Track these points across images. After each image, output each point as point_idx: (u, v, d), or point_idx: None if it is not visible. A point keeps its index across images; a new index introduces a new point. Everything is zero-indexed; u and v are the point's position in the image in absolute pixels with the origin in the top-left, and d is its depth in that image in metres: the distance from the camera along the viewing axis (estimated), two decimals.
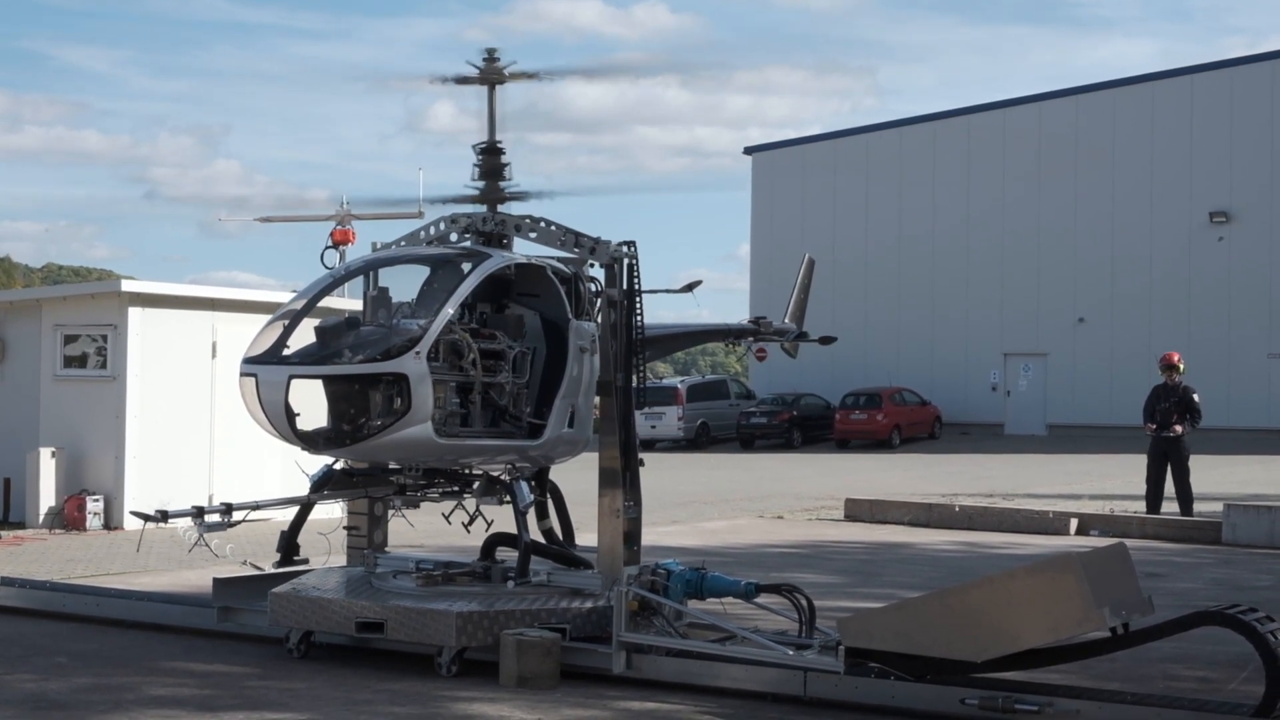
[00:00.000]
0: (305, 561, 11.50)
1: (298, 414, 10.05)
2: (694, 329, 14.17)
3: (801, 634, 9.85)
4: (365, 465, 11.06)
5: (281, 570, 11.30)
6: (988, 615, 8.65)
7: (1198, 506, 20.29)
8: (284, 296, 19.49)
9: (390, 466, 10.94)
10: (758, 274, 52.78)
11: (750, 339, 14.98)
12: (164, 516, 10.49)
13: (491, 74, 11.17)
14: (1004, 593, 8.67)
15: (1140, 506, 20.73)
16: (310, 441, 10.23)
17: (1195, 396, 20.50)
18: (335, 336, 10.18)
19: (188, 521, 10.58)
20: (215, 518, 10.52)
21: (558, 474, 11.54)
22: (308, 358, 10.12)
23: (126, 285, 20.36)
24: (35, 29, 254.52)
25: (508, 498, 10.72)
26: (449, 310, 10.14)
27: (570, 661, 9.74)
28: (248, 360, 10.22)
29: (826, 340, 16.73)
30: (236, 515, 10.57)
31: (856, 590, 14.16)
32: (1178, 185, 46.63)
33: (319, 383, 10.24)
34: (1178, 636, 8.99)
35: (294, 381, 9.98)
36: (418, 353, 9.90)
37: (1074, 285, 47.98)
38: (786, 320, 15.90)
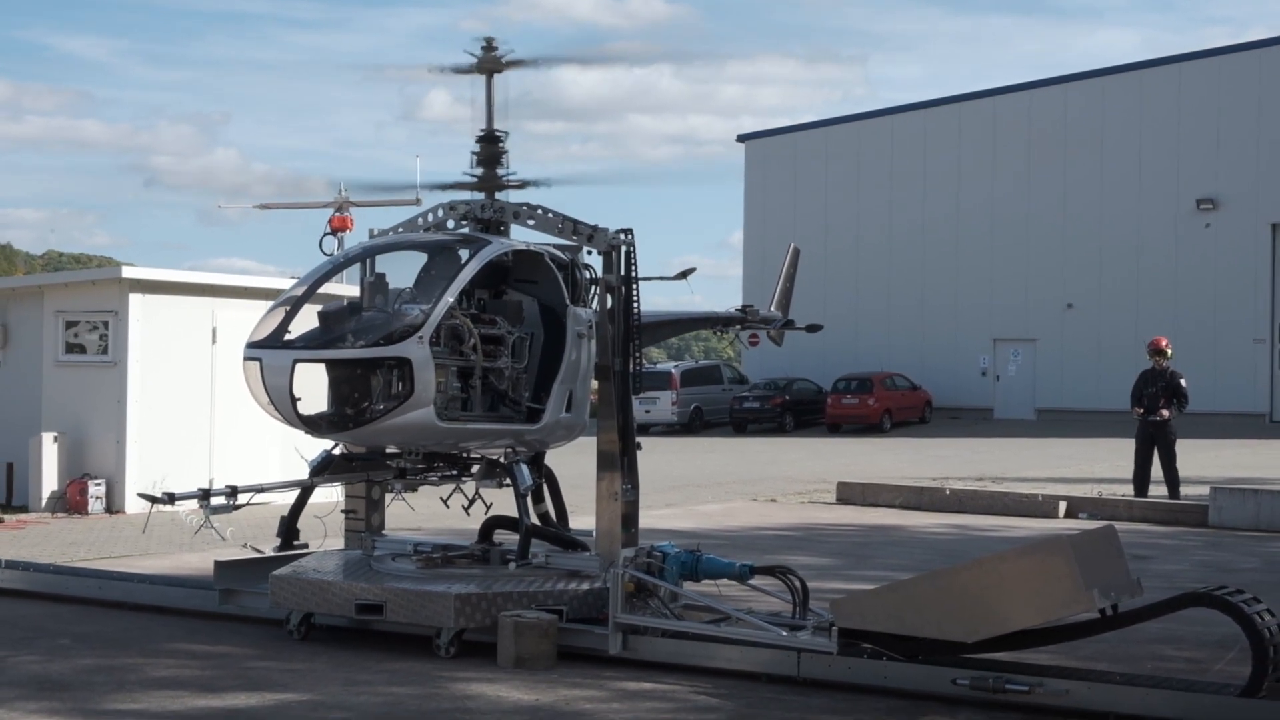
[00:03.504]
0: (305, 545, 11.51)
1: (299, 398, 10.06)
2: (683, 316, 14.18)
3: (795, 615, 9.87)
4: (364, 449, 11.06)
5: (282, 553, 11.32)
6: (979, 597, 8.68)
7: (1184, 490, 20.33)
8: (283, 283, 19.48)
9: (390, 450, 10.94)
10: (750, 261, 52.73)
11: (738, 326, 14.99)
12: (170, 499, 10.51)
13: (489, 63, 11.16)
14: (994, 574, 8.70)
15: (1128, 490, 20.76)
16: (313, 425, 10.23)
17: (1182, 381, 20.53)
18: (338, 321, 10.19)
19: (193, 504, 10.59)
20: (220, 500, 10.53)
21: (554, 458, 11.56)
22: (312, 342, 10.13)
23: (127, 272, 20.33)
24: (35, 18, 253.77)
25: (507, 481, 10.74)
26: (450, 296, 10.15)
27: (567, 642, 9.77)
28: (252, 345, 10.22)
29: (813, 328, 16.73)
30: (241, 498, 10.58)
31: (849, 572, 14.19)
32: (1165, 173, 46.62)
33: (320, 367, 10.25)
34: (1166, 618, 9.03)
35: (298, 366, 9.98)
36: (420, 338, 9.91)
37: (1063, 272, 47.98)
38: (772, 309, 15.92)
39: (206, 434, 19.96)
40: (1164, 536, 17.70)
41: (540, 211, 10.92)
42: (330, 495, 12.64)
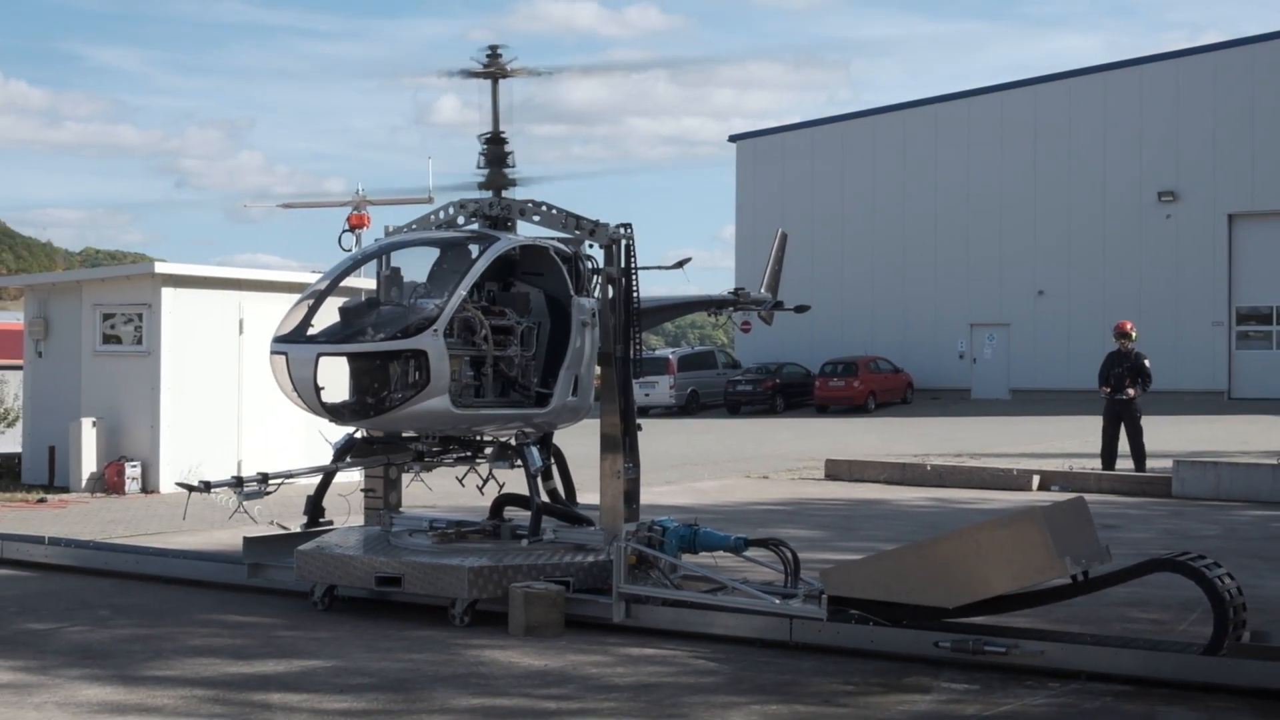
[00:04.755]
0: (329, 523, 11.50)
1: (323, 388, 10.04)
2: (680, 301, 14.14)
3: (787, 584, 9.86)
4: (384, 434, 11.04)
5: (307, 530, 11.31)
6: (958, 565, 8.67)
7: (1149, 463, 20.32)
8: (305, 276, 19.51)
9: (408, 435, 10.92)
10: (742, 252, 52.67)
11: (731, 308, 14.95)
12: (207, 487, 10.52)
13: (496, 69, 11.13)
14: (973, 544, 8.69)
15: (1097, 464, 20.76)
16: (337, 414, 10.22)
17: (1146, 362, 20.53)
18: (359, 316, 10.18)
19: (227, 489, 10.59)
20: (253, 486, 10.52)
21: (561, 438, 11.54)
22: (334, 336, 10.12)
23: (159, 267, 20.30)
24: (71, 31, 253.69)
25: (518, 462, 10.73)
26: (463, 290, 10.13)
27: (574, 611, 9.77)
28: (278, 339, 10.21)
29: (801, 309, 16.67)
30: (272, 484, 10.57)
31: (837, 543, 14.18)
32: (1129, 167, 46.59)
33: (342, 359, 10.23)
34: (1133, 582, 9.02)
35: (321, 359, 9.97)
36: (436, 330, 9.90)
37: (1034, 260, 47.94)
38: (763, 291, 15.88)
39: (234, 418, 19.95)
40: (1131, 506, 17.71)
41: (545, 208, 10.90)
42: (352, 475, 12.63)
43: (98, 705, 7.81)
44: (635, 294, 10.54)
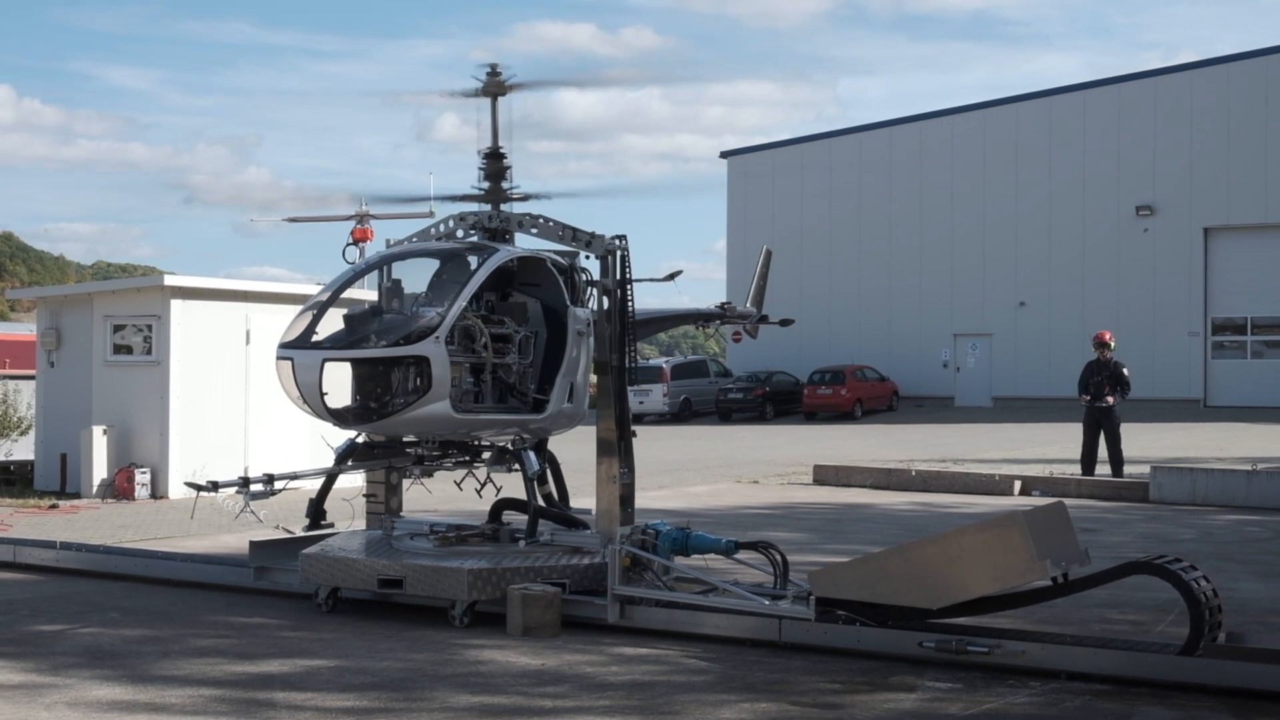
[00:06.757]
0: (331, 525, 11.48)
1: (327, 393, 10.03)
2: (668, 313, 14.13)
3: (776, 586, 9.86)
4: (385, 438, 11.03)
5: (310, 533, 11.29)
6: (942, 567, 8.67)
7: (1127, 469, 20.32)
8: (310, 289, 19.48)
9: (408, 439, 10.91)
10: (733, 265, 52.69)
11: (717, 321, 14.95)
12: (214, 486, 10.50)
13: (494, 87, 11.13)
14: (956, 547, 8.68)
15: (1077, 469, 20.76)
16: (341, 418, 10.20)
17: (1124, 370, 20.54)
18: (362, 323, 10.17)
19: (233, 490, 10.58)
20: (259, 487, 10.52)
21: (555, 443, 11.53)
22: (339, 343, 10.11)
23: (169, 280, 20.28)
24: (84, 52, 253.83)
25: (515, 466, 10.72)
26: (463, 299, 10.12)
27: (570, 612, 9.76)
28: (284, 345, 10.19)
29: (785, 322, 16.67)
30: (277, 485, 10.57)
31: (825, 546, 14.17)
32: (1107, 182, 46.65)
33: (346, 365, 10.22)
34: (1111, 584, 9.03)
35: (326, 364, 9.96)
36: (437, 337, 9.90)
37: (1016, 272, 47.99)
38: (748, 305, 15.88)
39: (241, 426, 19.93)
40: (1109, 511, 17.71)
41: (542, 221, 10.89)
42: (354, 480, 12.61)
43: (107, 705, 7.78)
44: (630, 304, 10.54)
